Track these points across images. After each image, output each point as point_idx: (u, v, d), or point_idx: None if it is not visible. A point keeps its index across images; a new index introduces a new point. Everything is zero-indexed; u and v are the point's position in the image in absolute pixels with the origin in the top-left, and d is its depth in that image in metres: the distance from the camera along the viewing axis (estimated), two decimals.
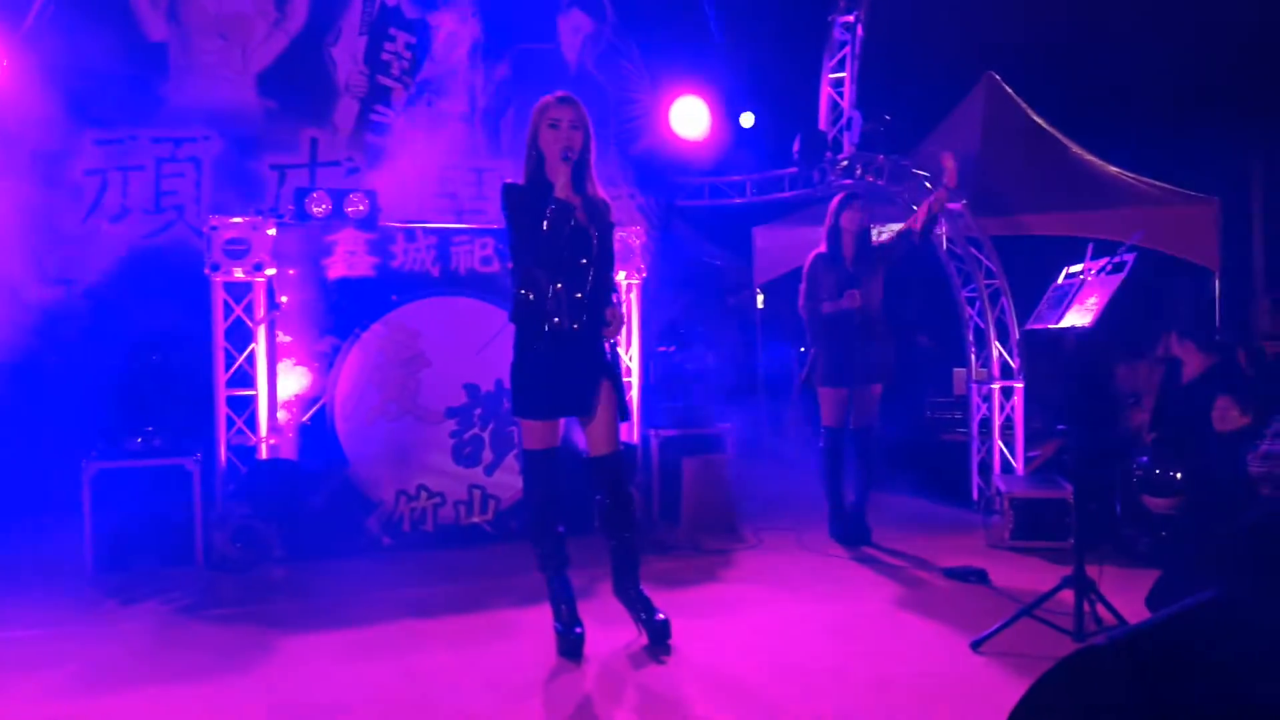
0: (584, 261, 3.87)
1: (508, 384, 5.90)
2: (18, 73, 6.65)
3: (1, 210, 6.53)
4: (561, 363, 3.87)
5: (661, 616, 4.02)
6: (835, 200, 5.93)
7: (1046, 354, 6.65)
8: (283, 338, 5.71)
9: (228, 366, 5.64)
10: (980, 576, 4.97)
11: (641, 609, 4.04)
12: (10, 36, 6.72)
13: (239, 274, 5.60)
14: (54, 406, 5.59)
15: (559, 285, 3.84)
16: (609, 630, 4.11)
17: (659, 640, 3.99)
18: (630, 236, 6.43)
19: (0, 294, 5.84)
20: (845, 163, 7.73)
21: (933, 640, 4.09)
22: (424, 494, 5.92)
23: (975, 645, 3.89)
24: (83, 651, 4.09)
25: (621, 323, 4.01)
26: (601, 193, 4.04)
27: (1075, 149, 8.04)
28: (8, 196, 6.67)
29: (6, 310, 5.80)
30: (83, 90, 6.97)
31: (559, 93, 3.95)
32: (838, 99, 8.18)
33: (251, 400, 5.68)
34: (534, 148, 3.91)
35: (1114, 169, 7.87)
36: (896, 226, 7.31)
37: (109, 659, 4.01)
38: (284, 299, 5.69)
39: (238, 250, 5.56)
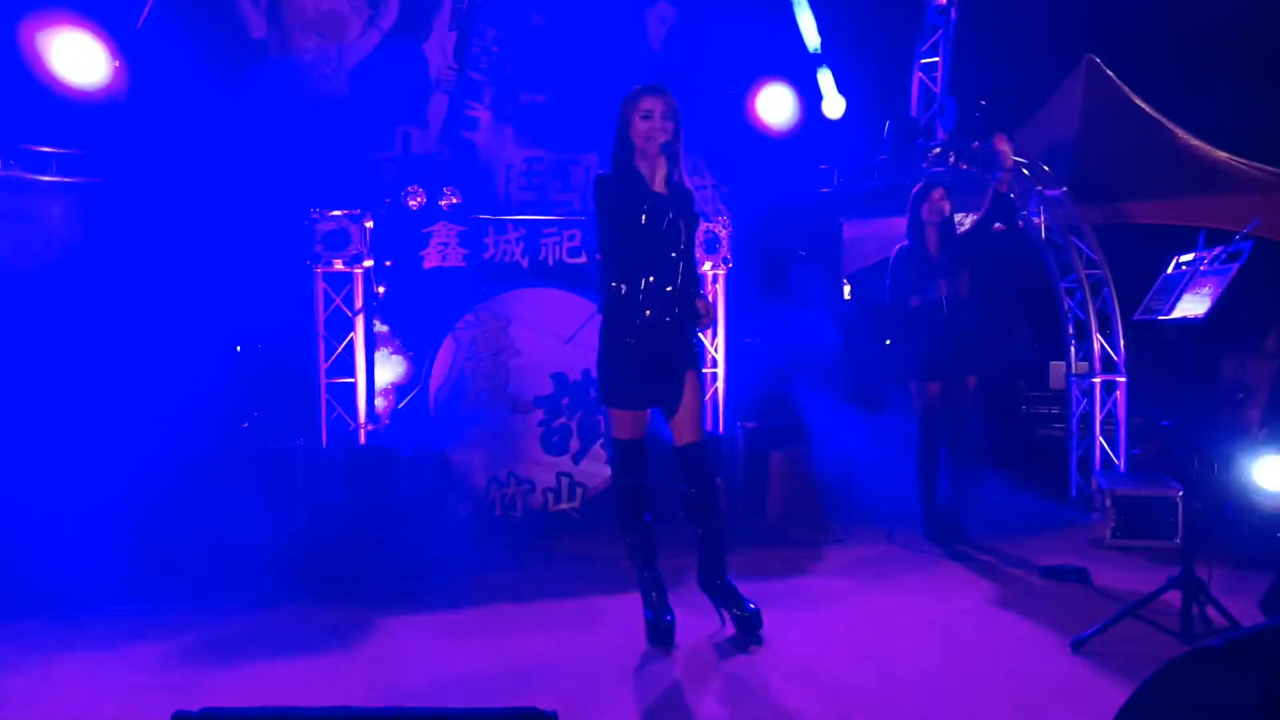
0: (674, 255, 3.86)
1: (594, 374, 6.00)
2: (127, 75, 6.91)
3: (115, 208, 6.78)
4: (652, 355, 3.88)
5: (752, 607, 4.00)
6: (914, 192, 5.82)
7: (1152, 347, 6.43)
8: (380, 327, 5.86)
9: (328, 355, 5.80)
10: (1080, 575, 4.83)
11: (730, 602, 4.03)
12: (122, 38, 6.98)
13: (338, 265, 5.75)
14: (167, 392, 5.80)
15: (651, 278, 3.84)
16: (699, 619, 4.11)
17: (749, 632, 3.97)
18: (717, 227, 6.41)
19: (122, 290, 6.06)
20: (938, 150, 7.58)
21: (1032, 639, 3.99)
22: (514, 481, 6.01)
23: (1076, 645, 3.78)
24: (195, 626, 4.28)
25: (712, 315, 3.99)
26: (688, 182, 4.01)
27: (1182, 134, 7.73)
28: (122, 197, 6.92)
29: (128, 304, 6.03)
30: (186, 89, 7.21)
31: (650, 83, 3.94)
32: (930, 84, 8.03)
33: (351, 387, 5.83)
34: (624, 138, 3.90)
35: (1224, 154, 7.54)
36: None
37: (218, 635, 4.18)
38: (381, 289, 5.82)
39: (337, 242, 5.71)
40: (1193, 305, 3.70)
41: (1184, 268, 3.91)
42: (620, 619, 4.22)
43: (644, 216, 3.73)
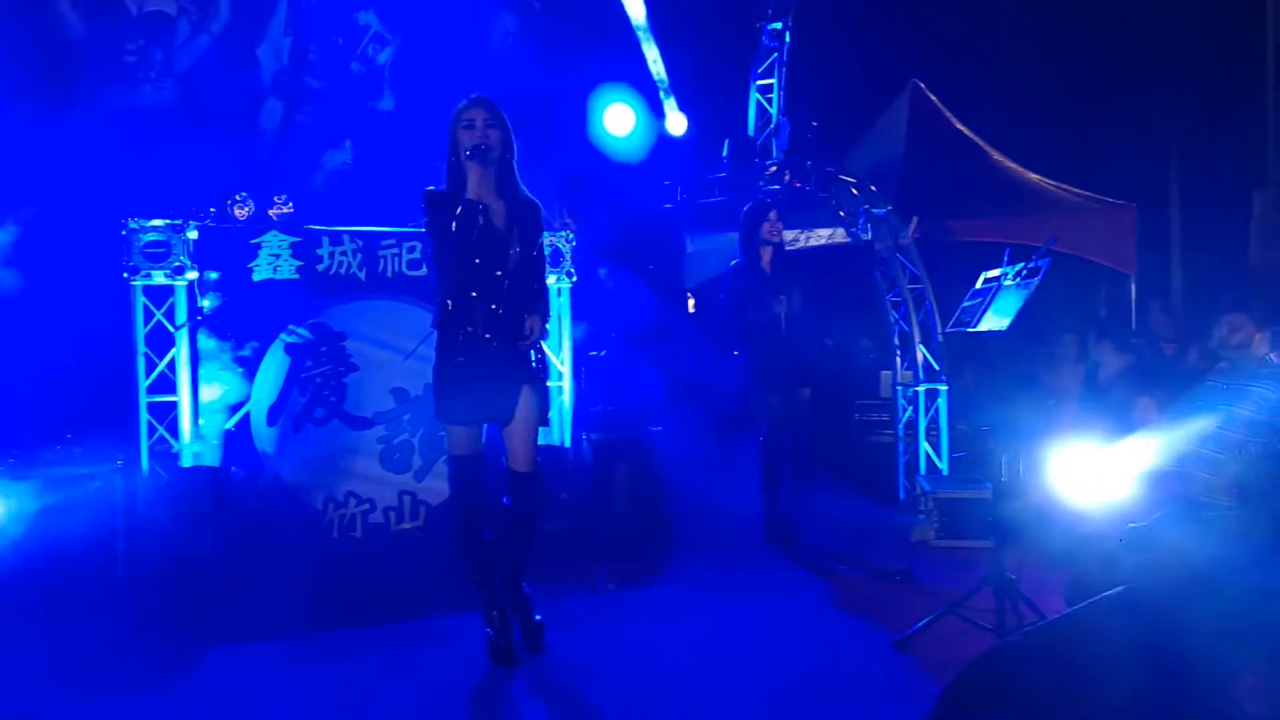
0: (499, 273, 3.81)
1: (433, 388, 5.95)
2: None
3: None
4: (479, 371, 3.82)
5: (538, 618, 4.07)
6: (747, 212, 5.99)
7: (971, 356, 6.80)
8: (205, 342, 5.58)
9: (149, 372, 5.50)
10: (905, 575, 5.08)
11: (522, 610, 4.05)
12: None
13: (159, 278, 5.47)
14: None
15: (474, 294, 3.79)
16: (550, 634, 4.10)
17: (533, 640, 4.01)
18: (560, 240, 6.43)
19: None
20: (774, 168, 7.83)
21: (859, 638, 4.17)
22: (353, 500, 5.84)
23: (899, 643, 3.97)
24: (7, 665, 3.98)
25: (539, 334, 3.92)
26: (527, 194, 3.97)
27: (997, 156, 8.26)
28: None
29: None
30: None
31: (473, 95, 3.92)
32: (766, 105, 8.30)
33: (174, 406, 5.55)
34: (453, 152, 3.86)
35: (1035, 176, 8.09)
36: (824, 233, 7.45)
37: (32, 674, 3.91)
38: (206, 303, 5.57)
39: (157, 253, 5.44)
40: (998, 318, 3.96)
41: (990, 283, 4.17)
42: (463, 638, 4.16)
43: (455, 225, 3.68)
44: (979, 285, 4.27)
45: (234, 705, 3.58)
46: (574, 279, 6.58)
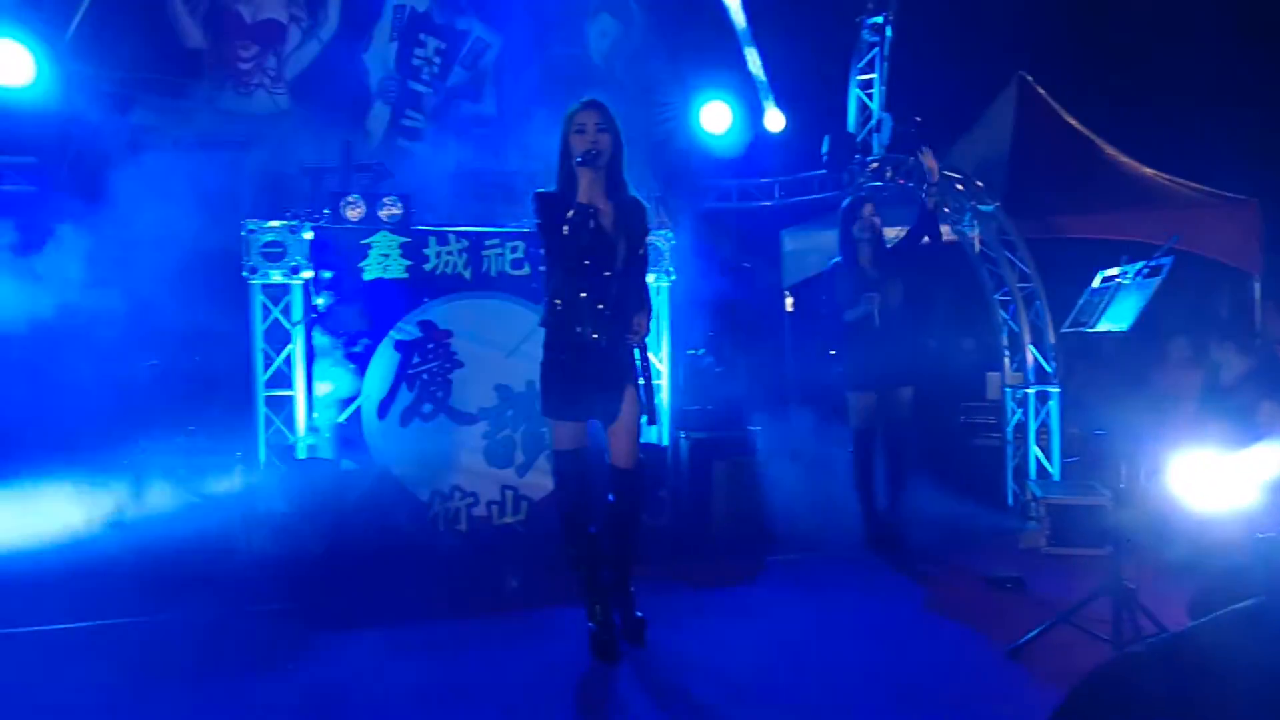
0: (607, 274, 3.87)
1: (539, 385, 6.03)
2: (59, 82, 6.79)
3: (47, 214, 6.65)
4: (586, 369, 3.89)
5: (639, 615, 4.09)
6: (843, 208, 5.91)
7: (1083, 358, 6.59)
8: (319, 339, 5.78)
9: (266, 367, 5.72)
10: (1016, 583, 4.94)
11: (623, 605, 4.08)
12: (52, 47, 6.85)
13: (276, 277, 5.68)
14: (99, 407, 5.68)
15: (583, 294, 3.85)
16: (650, 630, 4.12)
17: (634, 636, 4.04)
18: (660, 240, 6.45)
19: (48, 296, 5.94)
20: (875, 165, 7.71)
21: (967, 646, 4.07)
22: (457, 494, 5.97)
23: (1011, 652, 3.87)
24: (127, 644, 4.18)
25: (645, 332, 3.98)
26: (635, 197, 4.02)
27: (1110, 150, 7.98)
28: (53, 201, 6.79)
29: (55, 313, 5.91)
30: (122, 97, 7.10)
31: (585, 98, 3.97)
32: (866, 101, 8.17)
33: (290, 400, 5.75)
34: (564, 154, 3.93)
35: (1150, 171, 7.79)
36: None
37: (152, 651, 4.09)
38: (320, 301, 5.75)
39: (275, 253, 5.64)
40: (1117, 319, 3.82)
41: (1109, 282, 4.03)
42: (565, 631, 4.21)
43: (567, 228, 3.71)
44: (1096, 284, 4.13)
45: (343, 691, 3.67)
46: (672, 278, 6.59)
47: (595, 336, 3.86)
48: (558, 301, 3.89)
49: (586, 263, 3.81)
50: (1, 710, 3.49)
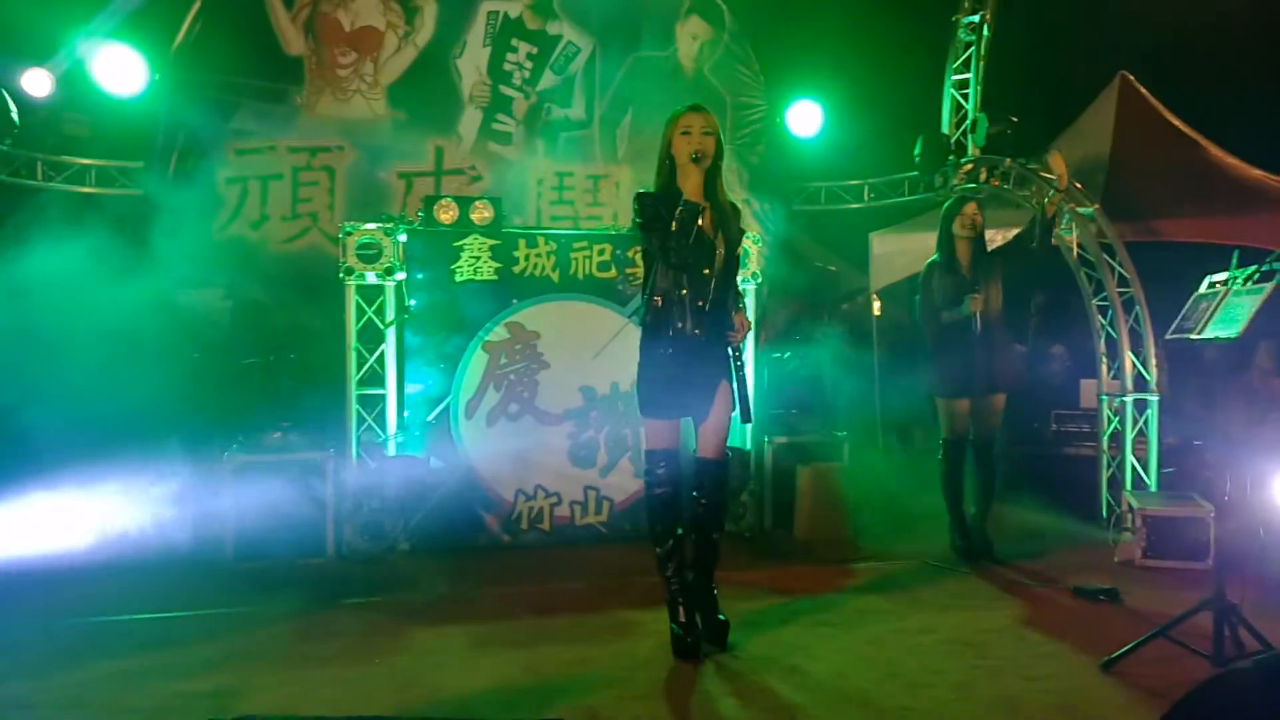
0: (706, 271, 3.94)
1: (624, 387, 6.09)
2: (167, 88, 7.08)
3: (152, 216, 6.93)
4: (685, 367, 3.95)
5: (722, 618, 4.09)
6: (945, 206, 5.77)
7: (1185, 365, 6.37)
8: (411, 339, 5.91)
9: (359, 366, 5.87)
10: (1111, 595, 4.79)
11: (706, 608, 4.08)
12: (163, 55, 7.15)
13: (371, 278, 5.83)
14: (198, 403, 5.91)
15: (683, 291, 3.92)
16: (729, 633, 4.11)
17: (716, 639, 4.04)
18: (748, 242, 6.43)
19: (149, 296, 6.18)
20: (969, 166, 7.57)
21: (1061, 658, 3.96)
22: (541, 493, 6.05)
23: (1106, 665, 3.75)
24: (225, 633, 4.33)
25: (747, 329, 4.08)
26: (731, 201, 4.11)
27: (1215, 151, 7.67)
28: (157, 205, 7.08)
29: (155, 312, 6.15)
30: (225, 103, 7.37)
31: (690, 103, 4.05)
32: (961, 101, 8.03)
33: (382, 399, 5.90)
34: (666, 156, 4.00)
35: (1258, 172, 7.47)
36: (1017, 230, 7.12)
37: (250, 642, 4.23)
38: (413, 302, 5.89)
39: (369, 255, 5.79)
40: (1225, 325, 3.68)
41: (1217, 287, 3.89)
42: (647, 632, 4.24)
43: (676, 224, 3.79)
44: (1203, 290, 3.99)
45: (432, 679, 3.75)
46: (760, 280, 6.57)
47: (697, 333, 3.92)
48: (658, 299, 3.96)
49: (690, 260, 3.88)
50: (115, 695, 3.64)
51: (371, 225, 5.85)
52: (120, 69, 7.02)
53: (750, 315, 6.50)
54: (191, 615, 4.61)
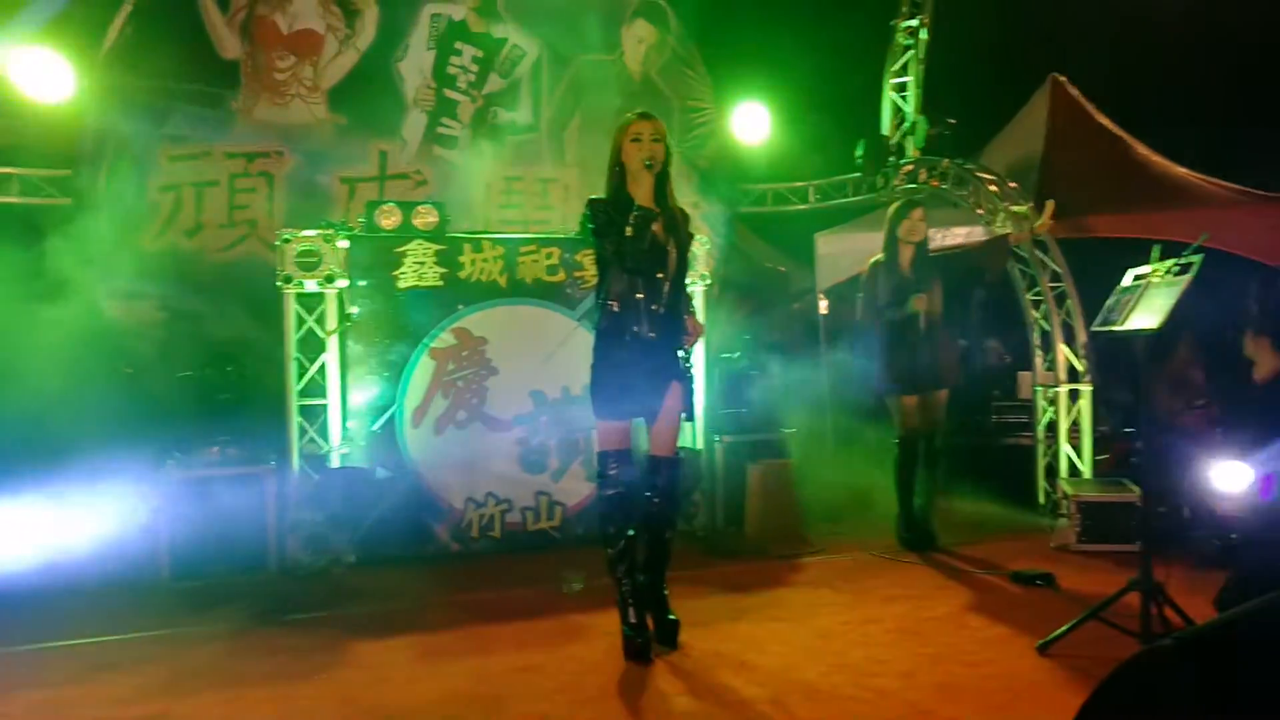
0: (660, 275, 4.02)
1: (574, 391, 6.11)
2: (96, 93, 6.91)
3: (82, 226, 6.78)
4: (640, 368, 4.02)
5: (672, 617, 4.15)
6: (891, 209, 5.92)
7: (1113, 357, 6.55)
8: (354, 347, 5.85)
9: (300, 376, 5.79)
10: (1047, 579, 4.94)
11: (657, 608, 4.14)
12: (90, 58, 6.99)
13: (311, 286, 5.76)
14: (132, 417, 5.77)
15: (639, 296, 3.99)
16: (679, 633, 4.16)
17: (668, 639, 4.09)
18: (695, 245, 6.48)
19: (79, 309, 6.05)
20: (909, 168, 7.71)
21: (1000, 643, 4.08)
22: (492, 500, 6.04)
23: (1042, 647, 3.87)
24: (162, 655, 4.23)
25: (700, 333, 4.20)
26: (680, 206, 4.18)
27: (1142, 150, 7.90)
28: (87, 212, 6.92)
29: (86, 325, 6.01)
30: (158, 108, 7.23)
31: (639, 110, 4.13)
32: (901, 104, 8.17)
33: (324, 409, 5.82)
34: (617, 163, 4.06)
35: (1182, 170, 7.70)
36: (961, 231, 7.28)
37: (187, 662, 4.14)
38: (355, 310, 5.83)
39: (309, 262, 5.72)
40: (1147, 316, 3.81)
41: (1139, 280, 4.02)
42: (598, 635, 4.26)
43: (631, 230, 3.87)
44: (1127, 282, 4.12)
45: (377, 694, 3.72)
46: (708, 281, 6.63)
47: (652, 335, 4.00)
48: (614, 303, 4.02)
49: (643, 265, 3.96)
50: None
51: (311, 232, 5.76)
52: (44, 74, 6.80)
53: (701, 317, 6.59)
54: (127, 639, 4.46)
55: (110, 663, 4.14)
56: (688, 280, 4.30)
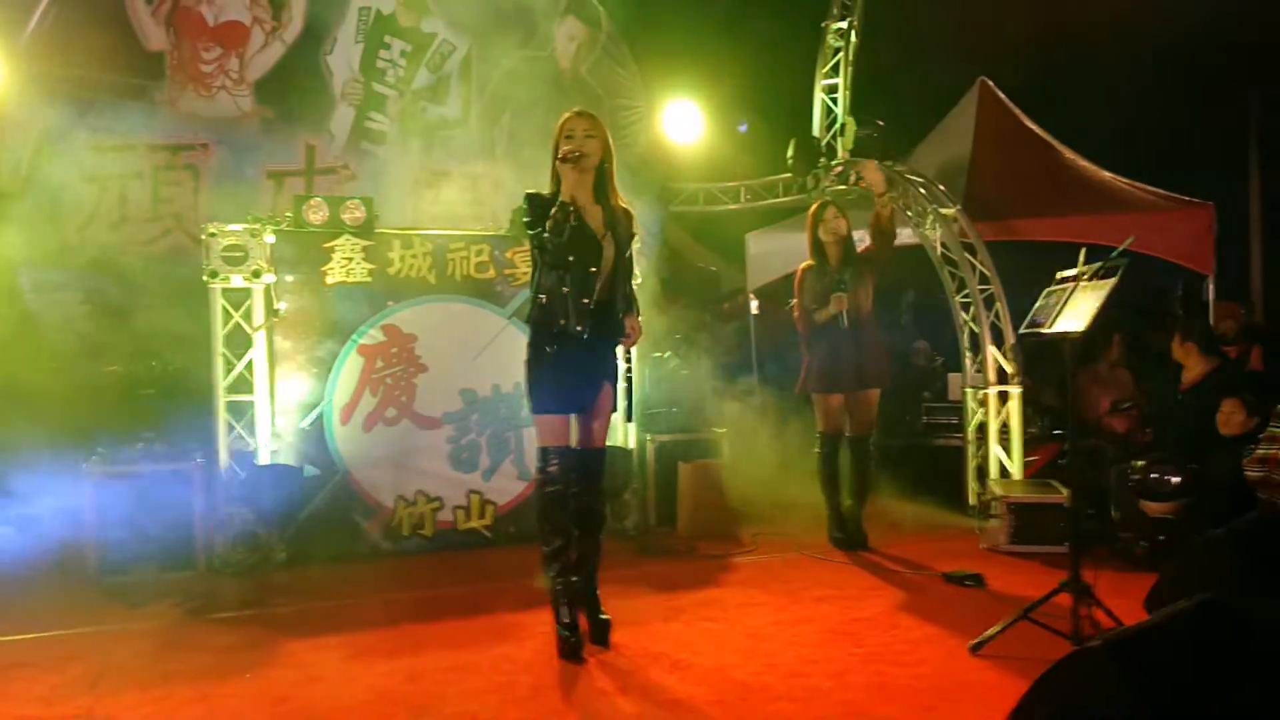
0: (593, 270, 3.99)
1: (505, 389, 6.05)
2: (17, 82, 6.68)
3: (4, 218, 6.55)
4: (569, 363, 3.99)
5: (604, 616, 4.14)
6: (809, 212, 5.96)
7: (1039, 358, 6.69)
8: (281, 343, 5.73)
9: (227, 372, 5.66)
10: (977, 580, 5.00)
11: (590, 607, 4.13)
12: (10, 46, 6.74)
13: (237, 281, 5.62)
14: (55, 412, 5.60)
15: (566, 290, 3.96)
16: (617, 631, 4.13)
17: (600, 638, 4.08)
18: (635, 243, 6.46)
19: (3, 305, 5.85)
20: (839, 168, 7.78)
21: (931, 643, 4.11)
22: (422, 499, 5.95)
23: (974, 648, 3.92)
24: (88, 653, 4.12)
25: (639, 334, 4.17)
26: (623, 203, 4.16)
27: (1068, 154, 8.10)
28: (9, 204, 6.69)
29: (8, 318, 5.82)
30: (81, 99, 7.01)
31: (576, 108, 4.12)
32: (831, 105, 8.24)
33: (251, 405, 5.70)
34: (554, 159, 4.02)
35: (1107, 174, 7.92)
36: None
37: (114, 661, 4.03)
38: (281, 305, 5.70)
39: (236, 257, 5.58)
40: (1074, 319, 3.88)
41: (1065, 283, 4.09)
42: (531, 634, 4.22)
43: (550, 223, 3.85)
44: (1053, 285, 4.20)
45: (307, 692, 3.65)
46: (639, 280, 6.59)
47: (579, 329, 3.96)
48: (542, 296, 4.00)
49: (571, 259, 3.93)
50: None
51: (237, 226, 5.63)
52: None
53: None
54: (50, 636, 4.38)
55: (33, 661, 4.02)
56: (632, 279, 4.26)
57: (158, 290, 6.69)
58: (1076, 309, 3.89)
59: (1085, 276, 3.94)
